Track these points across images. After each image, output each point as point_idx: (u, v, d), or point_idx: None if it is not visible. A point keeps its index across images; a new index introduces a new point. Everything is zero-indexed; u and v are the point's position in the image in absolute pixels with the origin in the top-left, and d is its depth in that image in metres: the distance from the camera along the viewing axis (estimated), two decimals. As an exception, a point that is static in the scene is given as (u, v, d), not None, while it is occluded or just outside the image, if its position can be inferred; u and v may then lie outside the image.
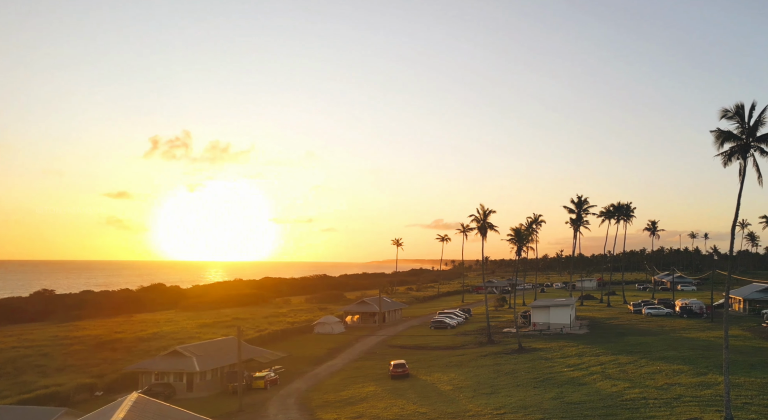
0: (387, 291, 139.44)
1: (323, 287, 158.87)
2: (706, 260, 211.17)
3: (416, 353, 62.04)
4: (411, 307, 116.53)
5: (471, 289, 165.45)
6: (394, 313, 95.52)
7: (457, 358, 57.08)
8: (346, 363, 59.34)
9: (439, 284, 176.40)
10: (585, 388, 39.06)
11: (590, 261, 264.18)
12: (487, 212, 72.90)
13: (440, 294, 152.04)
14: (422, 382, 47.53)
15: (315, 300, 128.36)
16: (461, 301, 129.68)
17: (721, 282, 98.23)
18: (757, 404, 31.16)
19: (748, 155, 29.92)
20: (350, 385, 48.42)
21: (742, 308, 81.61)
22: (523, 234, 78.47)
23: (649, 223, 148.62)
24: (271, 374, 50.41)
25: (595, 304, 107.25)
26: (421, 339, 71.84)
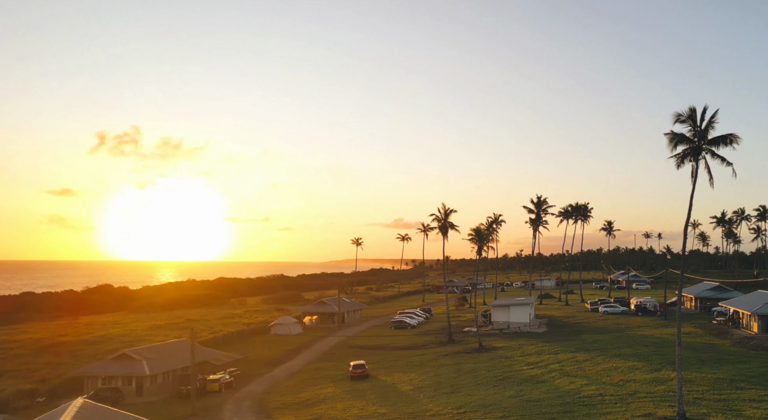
0: (346, 291, 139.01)
1: (280, 287, 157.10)
2: (660, 259, 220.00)
3: (376, 354, 62.07)
4: (371, 307, 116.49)
5: (432, 288, 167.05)
6: (353, 314, 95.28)
7: (418, 358, 57.42)
8: (304, 364, 58.80)
9: (399, 284, 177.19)
10: (544, 386, 39.94)
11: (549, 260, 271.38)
12: (448, 212, 73.64)
13: (401, 294, 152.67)
14: (382, 382, 47.57)
15: (272, 300, 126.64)
16: (422, 300, 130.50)
17: (674, 280, 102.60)
18: (707, 399, 32.57)
19: (699, 158, 31.19)
20: (308, 386, 47.99)
21: (694, 306, 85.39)
22: (484, 234, 79.72)
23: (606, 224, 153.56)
24: (226, 377, 49.41)
25: (553, 302, 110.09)
26: (382, 339, 71.95)
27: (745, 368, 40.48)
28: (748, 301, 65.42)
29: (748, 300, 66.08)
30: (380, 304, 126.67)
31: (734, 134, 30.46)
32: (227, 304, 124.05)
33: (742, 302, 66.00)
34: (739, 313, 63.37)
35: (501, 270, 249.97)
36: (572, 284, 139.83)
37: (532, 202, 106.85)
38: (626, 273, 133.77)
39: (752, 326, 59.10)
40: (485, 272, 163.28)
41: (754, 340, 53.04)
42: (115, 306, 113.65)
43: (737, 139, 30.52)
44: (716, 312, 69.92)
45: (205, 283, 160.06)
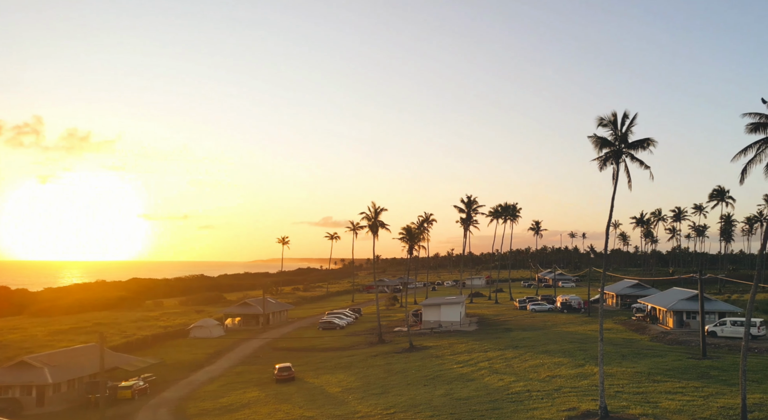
0: (272, 291, 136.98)
1: (200, 288, 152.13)
2: (584, 258, 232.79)
3: (303, 355, 61.50)
4: (298, 307, 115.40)
5: (361, 288, 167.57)
6: (279, 315, 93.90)
7: (347, 359, 57.42)
8: (227, 368, 57.25)
9: (328, 284, 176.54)
10: (473, 384, 41.09)
11: (479, 259, 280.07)
12: (378, 210, 74.09)
13: (329, 294, 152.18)
14: (309, 385, 47.17)
15: (191, 302, 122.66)
16: (351, 300, 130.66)
17: (597, 278, 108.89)
18: (627, 392, 34.73)
19: (620, 160, 33.22)
20: (230, 391, 46.75)
21: (615, 303, 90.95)
22: (415, 233, 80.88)
23: (534, 224, 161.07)
24: (139, 383, 47.21)
25: (483, 301, 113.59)
26: (309, 341, 71.37)
27: (662, 362, 43.52)
28: (664, 298, 70.49)
29: (664, 297, 71.21)
30: (308, 305, 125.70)
31: (651, 139, 32.60)
32: (142, 306, 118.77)
33: (658, 299, 71.00)
34: (656, 310, 68.14)
35: (432, 269, 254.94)
36: (502, 283, 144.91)
37: (463, 202, 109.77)
38: (553, 271, 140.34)
39: (668, 322, 63.74)
40: (416, 271, 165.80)
41: (669, 335, 57.20)
42: (11, 310, 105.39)
43: (654, 144, 32.65)
44: (635, 309, 74.76)
45: (117, 285, 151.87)
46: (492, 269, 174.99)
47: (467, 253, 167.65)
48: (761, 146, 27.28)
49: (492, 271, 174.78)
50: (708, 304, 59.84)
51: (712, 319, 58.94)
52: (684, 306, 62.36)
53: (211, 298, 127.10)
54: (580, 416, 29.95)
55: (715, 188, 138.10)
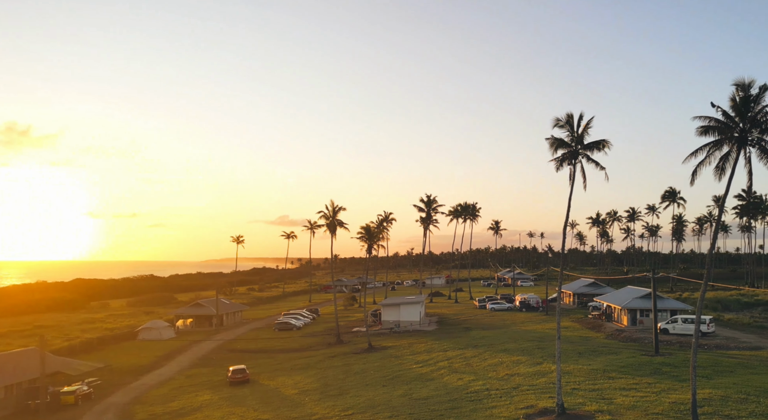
0: (225, 292, 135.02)
1: (150, 289, 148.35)
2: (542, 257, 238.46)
3: (259, 357, 60.75)
4: (253, 308, 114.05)
5: (319, 288, 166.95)
6: (233, 316, 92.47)
7: (304, 361, 57.03)
8: (177, 371, 55.91)
9: (284, 284, 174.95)
10: (433, 383, 41.44)
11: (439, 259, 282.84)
12: (336, 209, 73.84)
13: (286, 294, 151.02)
14: (265, 387, 46.60)
15: (139, 303, 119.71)
16: (308, 300, 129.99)
17: (554, 277, 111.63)
18: (583, 389, 35.69)
19: (576, 161, 34.15)
20: (181, 395, 45.66)
21: (572, 301, 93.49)
22: (374, 232, 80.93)
23: (493, 223, 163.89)
24: (83, 388, 45.55)
25: (443, 300, 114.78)
26: (265, 342, 70.54)
27: (616, 359, 44.93)
28: (619, 296, 72.88)
29: (619, 295, 73.62)
30: (263, 305, 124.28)
31: (606, 140, 33.61)
32: (86, 308, 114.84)
33: (613, 297, 73.36)
34: (612, 308, 70.37)
35: (391, 268, 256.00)
36: (462, 282, 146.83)
37: (423, 201, 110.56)
38: (512, 271, 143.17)
39: (622, 319, 65.92)
40: (375, 271, 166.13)
41: (624, 333, 59.17)
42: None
43: (609, 145, 33.68)
44: (591, 307, 77.04)
45: (60, 285, 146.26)
46: (452, 269, 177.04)
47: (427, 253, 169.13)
48: (711, 149, 28.41)
49: (452, 270, 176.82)
50: (660, 302, 62.24)
51: (665, 317, 61.28)
52: (638, 304, 64.62)
53: (162, 299, 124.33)
54: (538, 414, 30.59)
55: (667, 189, 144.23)
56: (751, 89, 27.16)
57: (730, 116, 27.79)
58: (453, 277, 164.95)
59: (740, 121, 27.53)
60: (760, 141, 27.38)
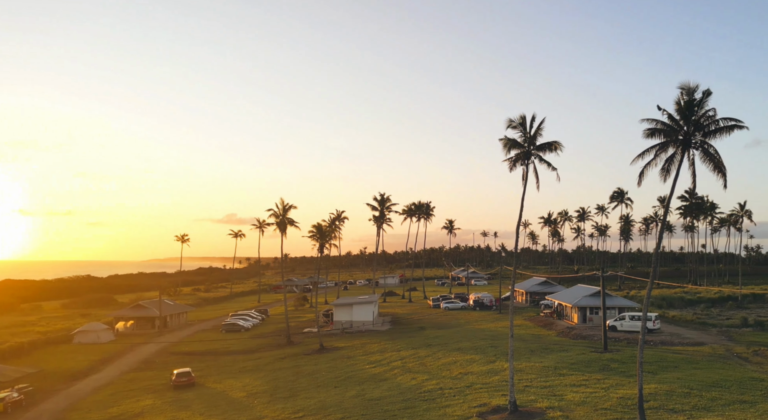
0: (169, 292, 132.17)
1: (87, 290, 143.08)
2: (496, 257, 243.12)
3: (205, 360, 59.60)
4: (199, 309, 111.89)
5: (269, 288, 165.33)
6: (178, 317, 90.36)
7: (253, 363, 56.32)
8: (117, 375, 54.14)
9: (232, 284, 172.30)
10: (386, 384, 41.68)
11: (393, 258, 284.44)
12: (286, 207, 73.27)
13: (233, 294, 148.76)
14: (211, 390, 45.73)
15: (75, 305, 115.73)
16: (257, 301, 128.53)
17: (508, 276, 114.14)
18: (535, 386, 36.71)
19: (529, 162, 35.14)
20: (121, 400, 44.24)
21: (525, 300, 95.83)
22: (326, 230, 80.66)
23: (447, 222, 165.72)
24: (13, 395, 43.44)
25: (397, 300, 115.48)
26: (211, 344, 69.22)
27: (567, 356, 46.41)
28: (569, 294, 75.22)
29: (569, 293, 75.99)
30: (210, 306, 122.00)
31: (558, 142, 34.73)
32: (17, 310, 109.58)
33: (564, 296, 75.65)
34: (563, 306, 72.56)
35: (344, 268, 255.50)
36: (416, 281, 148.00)
37: (376, 200, 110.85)
38: (466, 270, 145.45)
39: (573, 317, 68.08)
40: (327, 270, 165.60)
41: (574, 330, 61.13)
42: None
43: (560, 146, 34.81)
44: (543, 305, 79.19)
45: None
46: (406, 268, 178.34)
47: (380, 252, 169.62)
48: (657, 151, 29.70)
49: (406, 269, 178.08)
50: (609, 300, 64.61)
51: (613, 314, 63.64)
52: (587, 302, 66.87)
53: (100, 301, 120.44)
54: (491, 411, 31.26)
55: (616, 190, 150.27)
56: (695, 93, 28.45)
57: (675, 119, 29.05)
58: (407, 276, 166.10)
59: (684, 124, 28.81)
60: (703, 144, 28.76)
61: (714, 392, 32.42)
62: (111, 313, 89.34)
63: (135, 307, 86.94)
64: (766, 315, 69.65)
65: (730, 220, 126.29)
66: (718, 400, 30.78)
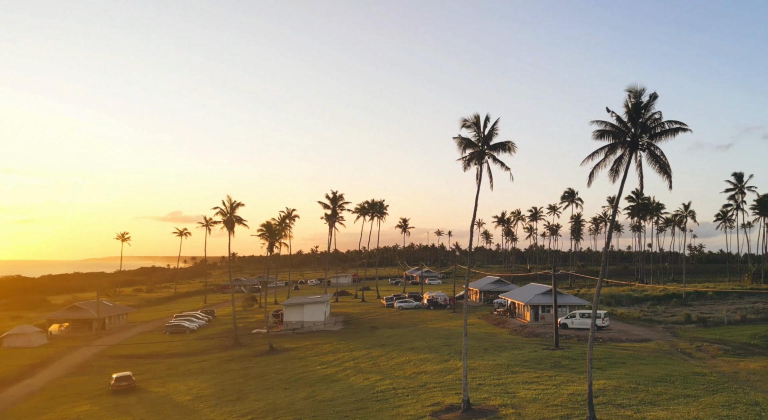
0: (109, 293, 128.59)
1: (17, 291, 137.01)
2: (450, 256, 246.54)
3: (147, 363, 58.12)
4: (140, 310, 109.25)
5: (216, 288, 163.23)
6: (117, 319, 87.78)
7: (198, 365, 55.32)
8: (51, 380, 52.12)
9: (176, 284, 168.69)
10: (338, 385, 41.70)
11: (346, 257, 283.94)
12: (234, 205, 72.38)
13: (178, 295, 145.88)
14: (154, 394, 44.65)
15: (4, 307, 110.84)
16: (204, 302, 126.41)
17: (462, 275, 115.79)
18: (488, 384, 37.50)
19: (483, 161, 35.88)
20: (55, 406, 42.62)
21: (478, 299, 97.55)
22: (276, 229, 79.94)
23: (401, 221, 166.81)
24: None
25: (350, 299, 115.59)
26: (154, 346, 67.52)
27: (519, 354, 47.58)
28: (522, 293, 77.07)
29: (522, 292, 77.85)
30: (152, 307, 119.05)
31: (511, 142, 35.58)
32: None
33: (517, 294, 77.46)
34: (516, 304, 74.28)
35: (295, 267, 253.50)
36: (369, 281, 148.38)
37: (328, 198, 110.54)
38: (420, 269, 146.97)
39: (526, 315, 69.81)
40: (277, 270, 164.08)
41: (527, 328, 62.69)
42: None
43: (514, 147, 35.68)
44: (497, 304, 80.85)
45: None
46: (359, 267, 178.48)
47: (333, 251, 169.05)
48: (606, 152, 30.82)
49: (359, 268, 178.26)
50: (560, 298, 66.60)
51: (564, 312, 65.62)
52: (540, 300, 68.71)
53: (31, 302, 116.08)
54: (444, 410, 31.73)
55: (567, 190, 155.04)
56: (643, 96, 29.66)
57: (623, 121, 30.19)
58: (360, 275, 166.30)
59: (632, 126, 29.99)
60: (650, 146, 30.02)
61: (659, 387, 33.92)
62: (44, 315, 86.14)
63: (70, 308, 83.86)
64: (709, 312, 73.16)
65: (674, 220, 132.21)
66: (663, 394, 32.21)
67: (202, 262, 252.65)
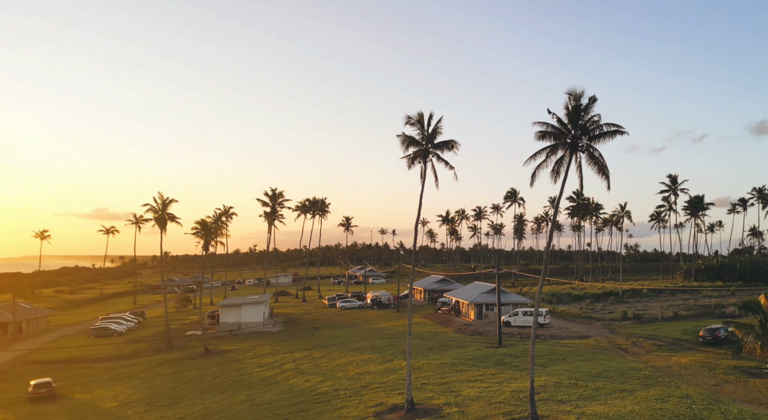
0: (26, 294, 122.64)
1: None
2: (394, 255, 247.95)
3: (70, 368, 55.78)
4: (62, 313, 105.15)
5: (147, 288, 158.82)
6: (36, 322, 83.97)
7: (127, 369, 53.53)
8: (-39, 390, 49.05)
9: (102, 285, 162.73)
10: (277, 387, 41.30)
11: (286, 256, 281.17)
12: (166, 202, 70.59)
13: (105, 296, 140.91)
14: (77, 401, 42.88)
15: None
16: (133, 303, 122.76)
17: (406, 274, 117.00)
18: (432, 383, 38.05)
19: (427, 160, 36.38)
20: (-35, 418, 40.21)
21: (423, 298, 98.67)
22: (211, 227, 78.36)
23: (344, 219, 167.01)
24: None
25: (290, 300, 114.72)
26: (77, 351, 64.76)
27: (463, 352, 48.51)
28: (466, 291, 78.56)
29: (466, 291, 79.36)
30: (76, 309, 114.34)
31: (454, 141, 36.29)
32: None
33: (462, 293, 78.90)
34: (460, 303, 75.62)
35: (232, 267, 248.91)
36: (310, 280, 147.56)
37: (267, 195, 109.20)
38: (363, 268, 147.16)
39: (470, 314, 71.19)
40: (213, 269, 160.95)
41: (471, 327, 63.96)
42: None
43: (457, 146, 36.39)
44: (441, 302, 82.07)
45: None
46: (300, 266, 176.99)
47: (272, 250, 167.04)
48: (548, 153, 31.85)
49: (300, 268, 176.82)
50: (504, 296, 68.28)
51: (508, 310, 67.37)
52: (483, 299, 70.24)
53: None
54: (387, 410, 31.99)
55: (509, 190, 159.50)
56: (582, 99, 30.84)
57: (564, 123, 31.29)
58: (301, 275, 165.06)
59: (572, 128, 31.13)
60: (589, 147, 31.26)
61: (598, 382, 35.35)
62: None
63: (-18, 311, 79.31)
64: (644, 309, 76.76)
65: (612, 220, 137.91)
66: (601, 389, 33.60)
67: (131, 262, 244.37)
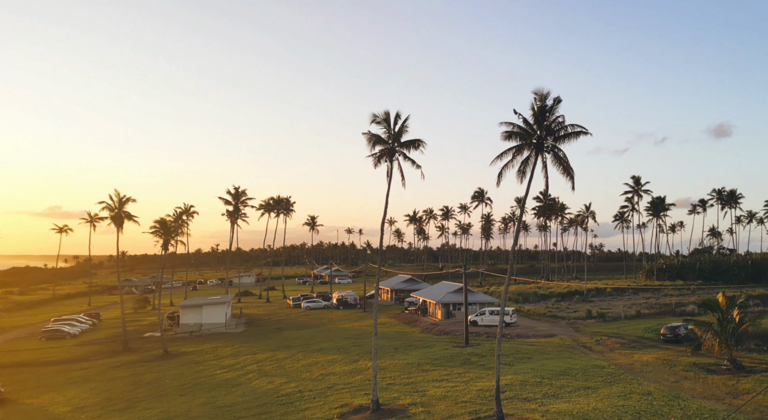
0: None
1: None
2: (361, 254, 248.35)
3: (19, 372, 54.24)
4: (11, 314, 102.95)
5: (103, 289, 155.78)
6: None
7: (81, 373, 52.42)
8: None
9: (55, 285, 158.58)
10: (239, 389, 40.94)
11: (249, 255, 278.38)
12: (123, 200, 69.46)
13: (57, 297, 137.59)
14: (26, 407, 41.74)
15: None
16: (88, 304, 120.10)
17: (373, 274, 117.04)
18: (398, 383, 38.24)
19: (394, 159, 36.59)
20: None
21: (390, 297, 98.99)
22: (171, 226, 77.27)
23: (309, 218, 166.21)
24: None
25: (254, 300, 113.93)
26: (28, 354, 63.10)
27: (430, 352, 48.87)
28: (434, 291, 79.10)
29: (434, 290, 79.91)
30: (26, 311, 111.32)
31: (421, 140, 36.60)
32: None
33: (429, 292, 79.42)
34: (427, 303, 76.12)
35: (193, 266, 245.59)
36: (274, 280, 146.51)
37: (230, 194, 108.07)
38: (329, 268, 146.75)
39: (437, 313, 71.72)
40: (173, 269, 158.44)
41: (438, 326, 64.45)
42: None
43: (424, 145, 36.71)
44: (408, 302, 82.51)
45: None
46: (264, 266, 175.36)
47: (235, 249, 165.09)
48: (514, 153, 32.35)
49: (263, 268, 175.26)
50: (471, 296, 69.01)
51: (475, 310, 68.09)
52: (451, 298, 70.85)
53: None
54: (353, 411, 32.03)
55: (477, 190, 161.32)
56: (548, 100, 31.42)
57: (529, 123, 31.86)
58: (265, 275, 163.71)
59: (538, 128, 31.73)
60: (554, 148, 31.89)
61: (562, 380, 36.07)
62: None
63: (-74, 313, 76.48)
64: (607, 307, 78.54)
65: (577, 220, 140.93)
66: (566, 387, 34.29)
67: (85, 262, 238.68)
